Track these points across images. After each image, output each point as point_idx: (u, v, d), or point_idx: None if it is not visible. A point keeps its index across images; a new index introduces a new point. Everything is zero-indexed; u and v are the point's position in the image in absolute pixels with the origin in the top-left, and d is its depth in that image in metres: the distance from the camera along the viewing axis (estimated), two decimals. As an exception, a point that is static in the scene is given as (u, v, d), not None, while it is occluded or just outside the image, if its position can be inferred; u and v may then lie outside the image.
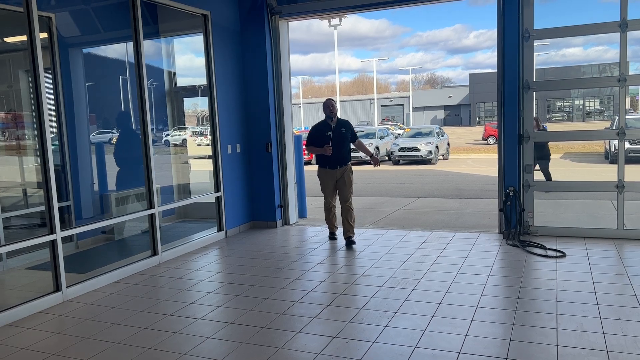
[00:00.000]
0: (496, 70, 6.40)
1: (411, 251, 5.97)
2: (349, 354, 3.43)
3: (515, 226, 6.35)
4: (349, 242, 6.36)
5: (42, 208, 4.83)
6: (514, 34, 6.19)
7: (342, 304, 4.38)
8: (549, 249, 5.78)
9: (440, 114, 58.81)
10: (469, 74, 58.38)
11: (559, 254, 5.59)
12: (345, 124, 6.42)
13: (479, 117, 54.43)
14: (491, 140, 28.17)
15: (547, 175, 9.12)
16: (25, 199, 6.51)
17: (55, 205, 4.68)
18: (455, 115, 58.44)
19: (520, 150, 6.36)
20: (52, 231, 4.67)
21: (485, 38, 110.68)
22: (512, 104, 6.30)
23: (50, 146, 4.65)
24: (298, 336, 3.77)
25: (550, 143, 9.66)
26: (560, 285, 4.60)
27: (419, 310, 4.15)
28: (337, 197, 6.53)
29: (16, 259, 5.64)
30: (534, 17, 6.16)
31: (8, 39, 6.63)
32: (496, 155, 6.68)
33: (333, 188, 6.47)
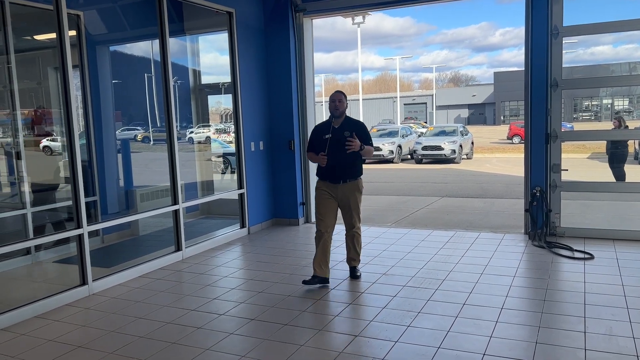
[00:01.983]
0: (523, 68, 6.29)
1: (434, 251, 5.91)
2: (371, 353, 3.41)
3: (542, 227, 6.23)
4: (353, 273, 5.05)
5: (70, 203, 4.92)
6: (543, 31, 6.07)
7: (364, 302, 4.36)
8: (576, 250, 5.66)
9: (464, 113, 58.14)
10: (494, 72, 57.59)
11: (586, 256, 5.47)
12: (354, 126, 4.81)
13: (504, 116, 53.65)
14: (516, 139, 27.74)
15: (622, 177, 8.20)
16: (53, 194, 6.63)
17: (82, 200, 4.75)
18: (480, 114, 57.71)
19: (548, 149, 6.23)
20: (79, 226, 4.74)
21: (511, 36, 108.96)
22: (540, 102, 6.18)
23: (78, 142, 4.73)
24: (320, 334, 3.76)
25: (577, 143, 9.43)
26: (588, 287, 4.50)
27: (443, 310, 4.11)
28: (330, 221, 4.89)
29: (44, 252, 5.77)
30: (563, 13, 6.03)
31: (38, 37, 6.77)
32: (521, 155, 6.56)
33: (330, 210, 4.84)
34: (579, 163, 9.43)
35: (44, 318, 4.26)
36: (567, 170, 6.31)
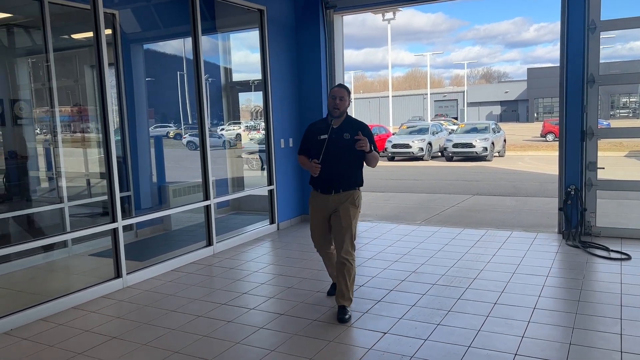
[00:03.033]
0: (558, 64, 6.15)
1: (465, 249, 5.84)
2: (400, 350, 3.40)
3: (576, 226, 6.09)
4: (342, 315, 3.92)
5: (105, 197, 5.05)
6: (579, 25, 5.92)
7: (393, 300, 4.34)
8: (612, 250, 5.51)
9: (496, 110, 57.17)
10: (528, 69, 56.48)
11: (623, 256, 5.32)
12: (358, 128, 3.99)
13: (537, 113, 52.56)
14: (550, 137, 27.16)
15: None
16: (88, 189, 6.82)
17: (117, 195, 4.87)
18: (512, 111, 56.67)
19: (583, 147, 6.08)
20: (114, 220, 4.86)
21: (546, 31, 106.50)
22: (576, 98, 6.04)
23: (113, 139, 4.84)
24: (349, 330, 3.77)
25: (614, 141, 9.17)
26: (625, 289, 4.38)
27: (473, 309, 4.06)
28: (323, 240, 4.25)
29: (80, 245, 5.94)
30: (601, 7, 5.87)
31: (75, 36, 6.94)
32: (555, 153, 6.42)
33: (322, 226, 4.14)
34: (616, 161, 9.16)
35: (81, 309, 4.39)
36: (603, 168, 6.15)
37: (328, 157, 3.92)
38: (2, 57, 6.28)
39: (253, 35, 7.06)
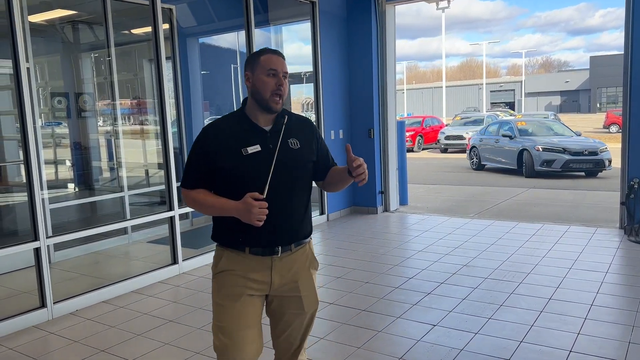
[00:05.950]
0: (622, 52, 5.86)
1: (519, 243, 5.69)
2: (449, 343, 3.37)
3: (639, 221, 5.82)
4: None
5: (162, 187, 5.25)
6: (646, 10, 5.61)
7: (443, 293, 4.30)
8: (679, 248, 5.22)
9: (556, 100, 54.97)
10: (590, 57, 53.89)
11: (691, 254, 5.04)
12: (305, 128, 2.24)
13: (600, 104, 50.14)
14: (613, 128, 25.85)
15: None
16: (147, 179, 7.10)
17: (174, 184, 5.05)
18: (573, 101, 54.33)
19: (649, 138, 5.78)
20: (170, 208, 5.05)
21: (613, 17, 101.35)
22: (641, 87, 5.74)
23: (170, 130, 5.02)
24: (398, 321, 3.77)
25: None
26: (692, 288, 4.16)
27: (526, 304, 3.97)
28: (253, 347, 2.10)
29: (139, 233, 6.21)
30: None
31: (135, 31, 7.21)
32: (618, 145, 6.14)
33: (254, 321, 2.11)
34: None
35: (140, 293, 4.60)
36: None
37: (274, 187, 2.03)
38: (67, 53, 6.62)
39: (305, 28, 7.11)
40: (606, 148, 12.09)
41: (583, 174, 12.31)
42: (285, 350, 2.24)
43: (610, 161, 11.84)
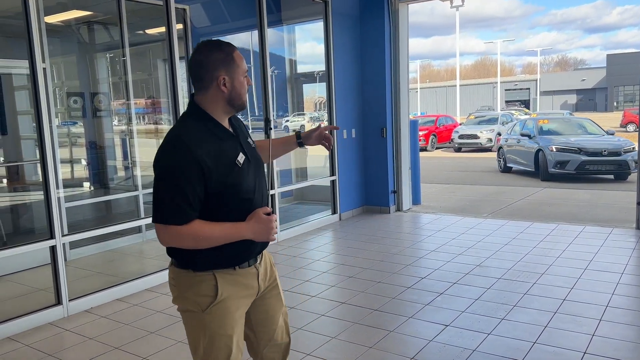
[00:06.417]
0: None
1: (533, 244, 5.64)
2: (462, 344, 3.36)
3: (657, 222, 5.73)
4: None
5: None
6: (664, 8, 5.53)
7: (456, 293, 4.28)
8: (697, 249, 5.13)
9: (572, 99, 54.32)
10: (607, 55, 53.24)
11: None
12: (239, 122, 2.03)
13: (617, 102, 49.45)
14: (631, 127, 25.54)
15: None
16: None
17: (187, 183, 5.07)
18: (589, 100, 53.64)
19: (666, 137, 5.69)
20: (183, 207, 5.07)
21: (631, 14, 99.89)
22: (658, 86, 5.65)
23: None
24: (410, 321, 3.76)
25: None
26: None
27: (540, 305, 3.93)
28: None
29: (153, 231, 6.25)
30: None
31: (149, 31, 7.27)
32: (636, 144, 6.05)
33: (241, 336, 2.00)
34: None
35: (153, 291, 4.64)
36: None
37: (258, 189, 1.95)
38: (83, 53, 6.70)
39: (318, 27, 7.11)
40: (633, 148, 10.54)
41: (612, 176, 11.03)
42: (271, 339, 2.15)
43: (636, 162, 10.02)
